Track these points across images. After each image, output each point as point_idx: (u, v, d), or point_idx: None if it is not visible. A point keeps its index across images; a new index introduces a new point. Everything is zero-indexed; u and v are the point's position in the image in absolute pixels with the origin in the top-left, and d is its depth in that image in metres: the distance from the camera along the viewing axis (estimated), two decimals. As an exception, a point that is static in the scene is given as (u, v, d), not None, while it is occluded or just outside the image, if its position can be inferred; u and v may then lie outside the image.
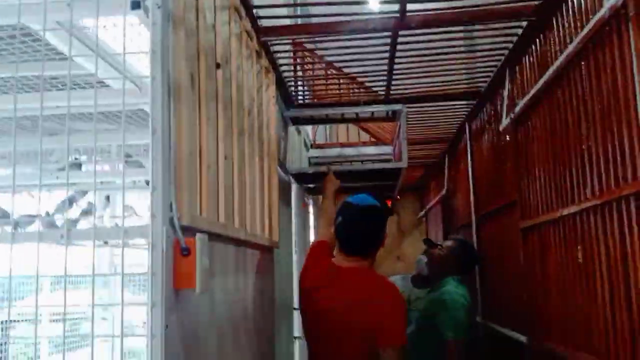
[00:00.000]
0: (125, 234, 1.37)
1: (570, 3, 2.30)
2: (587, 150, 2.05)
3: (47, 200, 3.70)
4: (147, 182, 1.50)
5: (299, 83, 3.74)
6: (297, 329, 4.00)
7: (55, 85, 2.54)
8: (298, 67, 3.61)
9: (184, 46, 1.62)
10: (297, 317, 4.00)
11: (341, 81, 3.85)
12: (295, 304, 4.01)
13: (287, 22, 3.24)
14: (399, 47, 3.03)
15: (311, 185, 4.38)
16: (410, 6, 2.58)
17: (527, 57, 2.88)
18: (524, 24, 2.74)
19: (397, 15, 2.64)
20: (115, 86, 2.25)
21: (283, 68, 3.30)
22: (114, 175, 3.66)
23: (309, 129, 5.00)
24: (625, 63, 1.74)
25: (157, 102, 1.47)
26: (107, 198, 4.58)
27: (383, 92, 3.74)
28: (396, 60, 3.21)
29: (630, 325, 1.77)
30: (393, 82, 3.57)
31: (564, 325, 2.36)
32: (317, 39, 3.34)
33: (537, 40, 2.71)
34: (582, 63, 2.09)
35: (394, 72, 3.39)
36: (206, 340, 1.70)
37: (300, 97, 3.86)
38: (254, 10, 2.56)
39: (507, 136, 3.21)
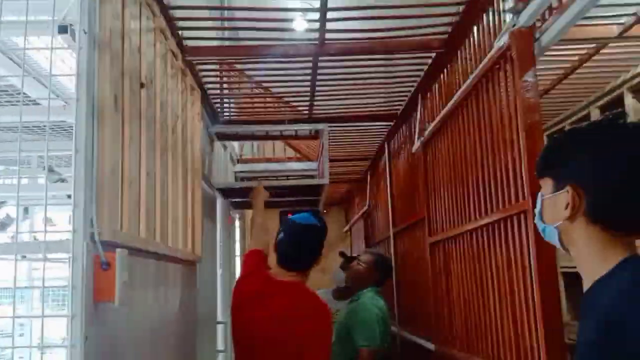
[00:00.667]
0: (47, 249, 1.44)
1: (471, 39, 2.55)
2: (481, 174, 2.29)
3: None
4: (69, 196, 1.58)
5: (225, 100, 3.85)
6: (221, 343, 4.06)
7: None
8: (224, 85, 3.72)
9: (108, 69, 1.71)
10: (220, 330, 4.06)
11: (267, 100, 3.99)
12: (220, 317, 4.08)
13: (215, 41, 3.33)
14: (320, 70, 3.22)
15: (237, 200, 4.47)
16: (329, 34, 2.76)
17: (436, 85, 3.13)
18: (434, 54, 2.99)
19: (317, 42, 2.81)
20: (45, 102, 2.30)
21: (209, 86, 3.40)
22: (33, 187, 3.61)
23: (235, 144, 5.10)
24: (510, 98, 1.98)
25: (80, 123, 1.55)
26: (26, 210, 4.49)
27: (307, 112, 3.91)
28: (318, 83, 3.39)
29: (515, 331, 2.00)
30: (315, 103, 3.75)
31: (465, 332, 2.59)
32: (244, 59, 3.47)
33: (445, 70, 2.97)
34: (478, 95, 2.34)
35: (316, 93, 3.57)
36: (125, 352, 1.77)
37: (226, 114, 3.96)
38: (180, 32, 2.66)
39: (418, 158, 3.45)
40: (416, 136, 3.37)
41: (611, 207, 0.94)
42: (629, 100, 3.10)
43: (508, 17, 2.01)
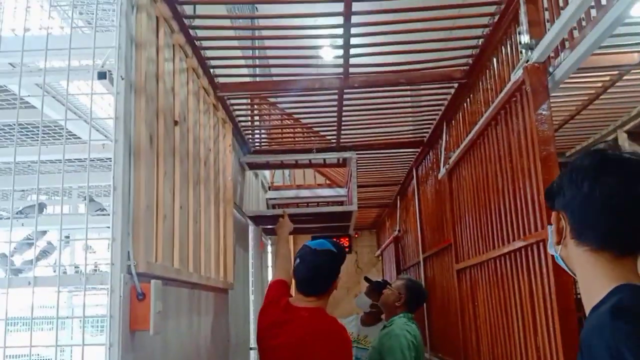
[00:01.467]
0: (87, 281, 1.55)
1: (490, 71, 2.62)
2: (502, 202, 2.34)
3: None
4: (108, 226, 1.70)
5: (256, 131, 3.99)
6: (255, 367, 4.14)
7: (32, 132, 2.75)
8: (255, 117, 3.86)
9: (144, 110, 1.84)
10: (253, 356, 4.14)
11: (295, 130, 4.12)
12: (252, 343, 4.16)
13: (246, 75, 3.48)
14: (346, 102, 3.32)
15: (269, 227, 4.58)
16: (353, 69, 2.87)
17: (459, 113, 3.20)
18: (456, 84, 3.06)
19: (342, 75, 2.92)
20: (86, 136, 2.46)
21: (240, 118, 3.55)
22: (74, 218, 3.78)
23: (267, 172, 5.23)
24: (526, 129, 2.04)
25: (118, 163, 1.68)
26: (67, 237, 4.68)
27: (334, 140, 4.02)
28: (345, 113, 3.50)
29: (537, 352, 2.02)
30: (343, 132, 3.86)
31: (492, 357, 2.61)
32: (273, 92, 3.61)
33: (467, 100, 3.03)
34: (497, 125, 2.40)
35: (343, 122, 3.67)
36: (160, 377, 1.87)
37: (257, 144, 4.10)
38: (211, 70, 2.81)
39: (444, 184, 3.51)
40: (442, 163, 3.42)
41: (585, 228, 0.99)
42: (655, 125, 3.11)
43: (523, 51, 2.08)
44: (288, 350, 2.27)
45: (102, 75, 1.86)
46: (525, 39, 2.05)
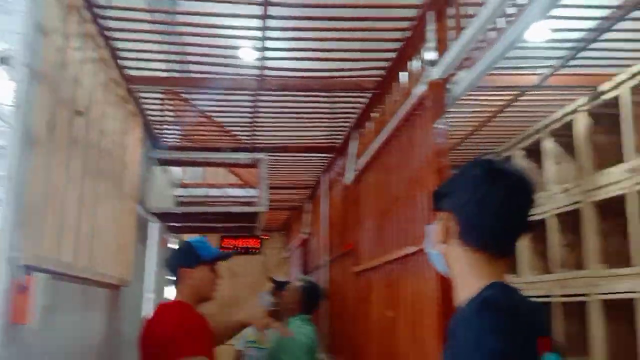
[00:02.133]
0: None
1: (399, 84, 2.74)
2: (399, 209, 2.45)
3: None
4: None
5: (167, 127, 3.92)
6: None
7: None
8: (168, 113, 3.80)
9: (45, 99, 1.78)
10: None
11: (209, 128, 4.09)
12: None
13: (161, 70, 3.41)
14: (261, 103, 3.35)
15: (175, 224, 4.51)
16: (269, 72, 2.90)
17: (370, 123, 3.31)
18: (369, 94, 3.18)
19: (258, 78, 2.95)
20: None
21: (151, 113, 3.48)
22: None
23: (178, 168, 5.14)
24: (424, 142, 2.15)
25: (13, 152, 1.61)
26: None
27: (248, 141, 4.03)
28: (259, 115, 3.52)
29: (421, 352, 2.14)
30: (257, 134, 3.88)
31: (380, 358, 2.72)
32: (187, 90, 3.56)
33: (377, 110, 3.15)
34: (400, 137, 2.52)
35: (257, 124, 3.70)
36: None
37: (168, 140, 4.03)
38: (123, 62, 2.74)
39: (351, 190, 3.61)
40: (350, 169, 3.53)
41: (472, 229, 1.09)
42: (548, 143, 3.36)
43: (427, 67, 2.20)
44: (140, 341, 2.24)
45: (4, 61, 1.78)
46: (430, 55, 2.17)
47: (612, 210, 2.79)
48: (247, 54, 2.88)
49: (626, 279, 2.51)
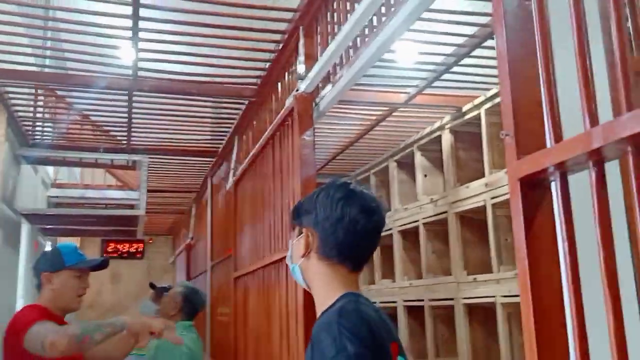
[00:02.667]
0: None
1: (276, 93, 2.81)
2: (272, 216, 2.51)
3: None
4: None
5: (38, 124, 3.72)
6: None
7: None
8: (38, 109, 3.60)
9: None
10: None
11: (83, 127, 3.92)
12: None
13: (32, 65, 3.23)
14: (138, 104, 3.28)
15: (48, 226, 4.28)
16: (144, 73, 2.85)
17: (249, 129, 3.35)
18: (247, 101, 3.21)
19: (131, 78, 2.89)
20: None
21: (19, 108, 3.28)
22: None
23: (50, 168, 4.87)
24: (293, 152, 2.23)
25: None
26: None
27: (125, 142, 3.91)
28: (136, 115, 3.44)
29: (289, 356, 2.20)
30: (135, 135, 3.78)
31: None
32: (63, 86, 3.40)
33: (256, 117, 3.20)
34: (273, 145, 2.58)
35: (136, 125, 3.61)
36: None
37: (40, 138, 3.82)
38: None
39: (231, 196, 3.63)
40: (231, 175, 3.54)
41: (331, 244, 1.17)
42: (418, 157, 3.57)
43: (298, 80, 2.28)
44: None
45: None
46: (301, 69, 2.25)
47: (474, 221, 3.04)
48: (124, 54, 2.80)
49: (487, 284, 2.73)
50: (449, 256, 3.18)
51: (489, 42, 2.58)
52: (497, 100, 2.72)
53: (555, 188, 0.81)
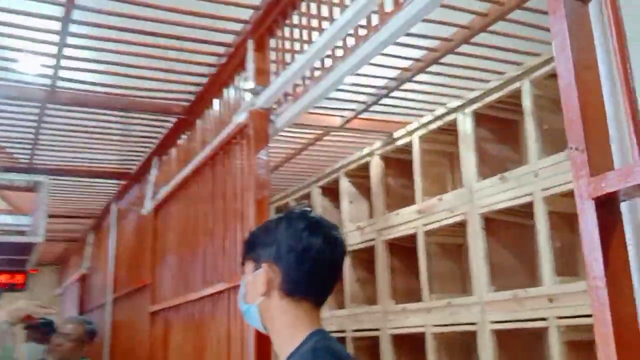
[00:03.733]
0: None
1: (211, 111, 2.62)
2: (210, 243, 2.31)
3: None
4: None
5: None
6: None
7: None
8: None
9: None
10: None
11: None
12: None
13: None
14: (49, 118, 2.93)
15: None
16: (62, 83, 2.55)
17: (174, 149, 3.11)
18: (174, 119, 2.98)
19: (48, 88, 2.58)
20: None
21: None
22: None
23: None
24: (244, 172, 2.06)
25: None
26: None
27: (26, 160, 3.50)
28: (44, 131, 3.08)
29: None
30: (39, 152, 3.39)
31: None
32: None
33: (184, 136, 2.98)
34: (214, 166, 2.39)
35: (41, 142, 3.23)
36: None
37: None
38: None
39: (148, 221, 3.34)
40: (148, 199, 3.26)
41: (296, 279, 1.08)
42: (344, 183, 3.51)
43: (248, 96, 2.12)
44: None
45: None
46: (250, 84, 2.10)
47: (403, 249, 3.01)
48: (37, 60, 2.48)
49: (416, 313, 2.69)
50: (373, 285, 3.12)
51: (433, 68, 2.59)
52: (432, 127, 2.73)
53: (628, 209, 0.75)
